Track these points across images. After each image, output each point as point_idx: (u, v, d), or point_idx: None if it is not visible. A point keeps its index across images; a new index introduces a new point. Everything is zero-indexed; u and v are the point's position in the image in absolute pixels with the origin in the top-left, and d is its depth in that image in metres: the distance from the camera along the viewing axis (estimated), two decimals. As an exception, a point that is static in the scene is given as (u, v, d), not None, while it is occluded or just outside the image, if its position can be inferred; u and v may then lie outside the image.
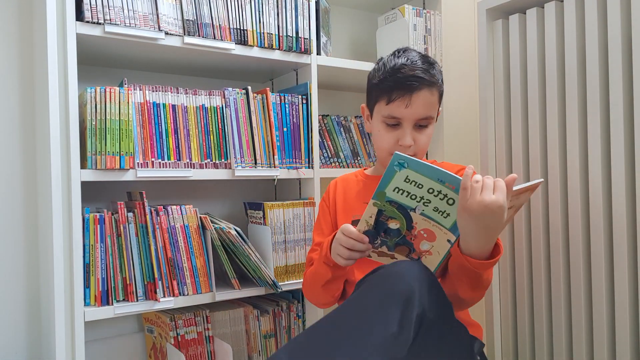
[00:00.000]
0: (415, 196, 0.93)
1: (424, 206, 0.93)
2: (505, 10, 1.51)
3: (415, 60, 1.16)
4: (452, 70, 1.92)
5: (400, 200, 0.94)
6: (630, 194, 1.22)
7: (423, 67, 1.15)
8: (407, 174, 0.91)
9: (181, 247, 1.39)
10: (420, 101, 1.14)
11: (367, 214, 0.98)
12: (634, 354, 1.22)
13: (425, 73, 1.15)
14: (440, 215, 0.94)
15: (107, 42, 1.33)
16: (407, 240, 0.99)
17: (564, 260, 1.35)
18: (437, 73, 1.18)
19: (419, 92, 1.14)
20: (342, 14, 2.02)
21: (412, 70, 1.14)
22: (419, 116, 1.15)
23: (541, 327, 1.41)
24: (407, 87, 1.14)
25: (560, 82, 1.35)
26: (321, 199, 1.36)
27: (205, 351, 1.47)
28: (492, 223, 0.88)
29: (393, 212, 0.96)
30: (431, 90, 1.16)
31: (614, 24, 1.23)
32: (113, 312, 1.30)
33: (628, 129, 1.22)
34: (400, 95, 1.14)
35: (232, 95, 1.48)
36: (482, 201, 0.86)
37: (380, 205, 0.96)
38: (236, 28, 1.47)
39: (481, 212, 0.86)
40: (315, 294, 1.23)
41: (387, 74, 1.16)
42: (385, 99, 1.16)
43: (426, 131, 1.19)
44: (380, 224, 0.98)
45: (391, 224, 0.98)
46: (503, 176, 1.49)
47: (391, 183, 0.92)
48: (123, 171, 1.31)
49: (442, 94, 1.22)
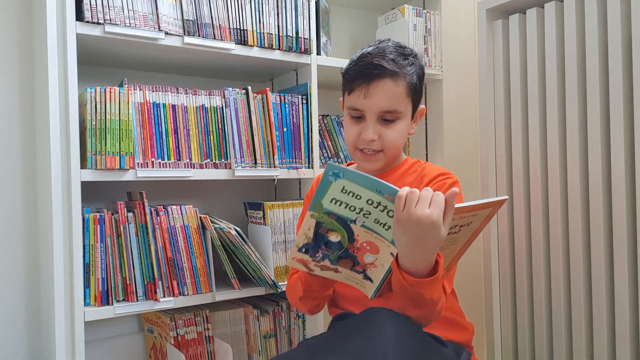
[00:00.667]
0: (354, 207, 0.88)
1: (364, 218, 0.89)
2: (505, 10, 1.51)
3: (384, 49, 1.08)
4: (452, 70, 1.92)
5: (339, 211, 0.89)
6: (630, 194, 1.22)
7: (389, 57, 1.06)
8: (344, 185, 0.86)
9: (181, 247, 1.39)
10: (381, 92, 1.05)
11: (305, 227, 0.92)
12: (634, 354, 1.22)
13: (389, 62, 1.05)
14: (381, 228, 0.89)
15: (107, 42, 1.33)
16: (349, 253, 0.94)
17: (564, 260, 1.35)
18: (408, 65, 1.08)
19: (378, 81, 1.05)
20: (342, 14, 2.02)
21: (374, 57, 1.06)
22: (380, 108, 1.07)
23: (541, 327, 1.41)
24: (366, 75, 1.06)
25: (560, 82, 1.35)
26: (305, 196, 1.32)
27: (205, 351, 1.47)
28: (425, 238, 0.83)
29: (332, 224, 0.91)
30: (395, 81, 1.06)
31: (614, 24, 1.23)
32: (113, 312, 1.30)
33: (628, 128, 1.22)
34: (359, 85, 1.06)
35: (232, 95, 1.48)
36: (414, 214, 0.81)
37: (318, 217, 0.90)
38: (236, 28, 1.47)
39: (413, 226, 0.82)
40: (294, 304, 1.19)
41: (352, 63, 1.10)
42: (348, 89, 1.10)
43: (395, 127, 1.09)
44: (320, 236, 0.93)
45: (332, 237, 0.93)
46: (503, 177, 1.49)
47: (327, 194, 0.87)
48: (123, 171, 1.31)
49: (416, 88, 1.10)
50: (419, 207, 0.82)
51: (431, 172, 1.13)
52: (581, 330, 1.31)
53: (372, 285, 0.98)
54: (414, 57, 1.11)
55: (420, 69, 1.12)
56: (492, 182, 1.54)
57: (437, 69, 1.87)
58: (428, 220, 0.81)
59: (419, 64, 1.12)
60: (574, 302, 1.33)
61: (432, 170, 1.14)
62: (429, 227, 0.81)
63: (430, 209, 0.82)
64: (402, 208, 0.83)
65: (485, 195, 1.55)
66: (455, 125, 1.93)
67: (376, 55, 1.06)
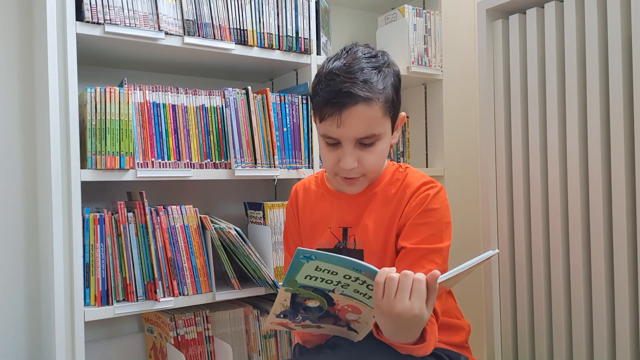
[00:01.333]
0: (330, 281, 0.84)
1: (342, 288, 0.85)
2: (505, 10, 1.51)
3: (353, 67, 0.97)
4: (452, 70, 1.92)
5: (315, 284, 0.85)
6: (630, 194, 1.22)
7: (360, 79, 0.95)
8: (317, 265, 0.81)
9: (181, 247, 1.39)
10: (354, 120, 0.96)
11: (281, 298, 0.89)
12: (634, 354, 1.22)
13: (360, 87, 0.95)
14: (362, 296, 0.86)
15: (107, 42, 1.33)
16: (331, 313, 0.91)
17: (564, 260, 1.35)
18: (382, 79, 0.98)
19: (350, 109, 0.95)
20: (342, 14, 2.02)
21: (342, 83, 0.95)
22: (356, 135, 0.98)
23: (541, 327, 1.41)
24: (335, 104, 0.96)
25: (560, 82, 1.35)
26: (287, 205, 1.24)
27: (205, 351, 1.47)
28: (407, 328, 0.81)
29: (309, 294, 0.87)
30: (369, 105, 0.96)
31: (614, 24, 1.23)
32: (113, 312, 1.30)
33: (628, 128, 1.22)
34: (330, 114, 0.97)
35: (232, 95, 1.48)
36: (394, 307, 0.79)
37: (293, 291, 0.87)
38: (236, 28, 1.47)
39: (394, 317, 0.80)
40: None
41: (320, 84, 0.99)
42: (318, 116, 1.00)
43: (374, 149, 1.01)
44: (298, 304, 0.90)
45: (310, 303, 0.89)
46: (503, 177, 1.49)
47: (300, 272, 0.83)
48: (123, 171, 1.31)
49: (394, 101, 1.01)
50: (398, 300, 0.79)
51: (413, 181, 1.07)
52: (581, 330, 1.31)
53: (357, 336, 0.97)
54: (387, 67, 1.01)
55: (396, 76, 1.03)
56: (492, 182, 1.54)
57: (437, 69, 1.87)
58: (409, 314, 0.79)
59: (393, 70, 1.03)
60: (574, 302, 1.33)
61: (414, 180, 1.08)
62: (411, 319, 0.80)
63: (411, 301, 0.79)
64: (381, 296, 0.80)
65: (485, 197, 1.55)
66: (455, 125, 1.93)
67: (345, 78, 0.95)
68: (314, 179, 1.21)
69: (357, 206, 1.10)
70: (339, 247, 1.10)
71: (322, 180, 1.17)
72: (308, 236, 1.17)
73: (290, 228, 1.22)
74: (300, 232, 1.19)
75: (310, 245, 1.15)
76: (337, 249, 1.10)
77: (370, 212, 1.09)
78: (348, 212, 1.11)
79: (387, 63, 1.02)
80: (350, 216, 1.11)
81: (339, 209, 1.12)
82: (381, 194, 1.09)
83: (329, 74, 0.98)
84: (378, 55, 1.02)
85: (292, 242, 1.21)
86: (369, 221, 1.08)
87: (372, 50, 1.03)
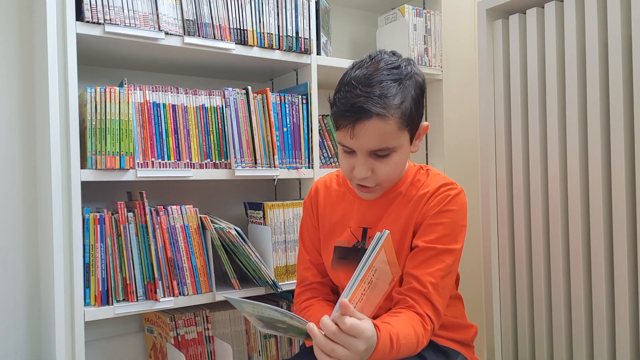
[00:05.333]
0: (275, 313, 0.89)
1: (287, 318, 0.88)
2: (505, 10, 1.51)
3: (372, 78, 0.96)
4: (452, 70, 1.92)
5: (265, 316, 0.90)
6: (630, 194, 1.22)
7: (376, 94, 0.94)
8: (251, 306, 0.88)
9: (181, 247, 1.39)
10: (367, 133, 0.96)
11: (252, 320, 0.95)
12: (634, 354, 1.22)
13: (375, 103, 0.94)
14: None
15: (107, 42, 1.33)
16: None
17: (564, 260, 1.35)
18: (401, 93, 0.96)
19: (364, 123, 0.95)
20: (342, 14, 2.02)
21: (357, 97, 0.95)
22: (369, 148, 0.98)
23: (541, 327, 1.41)
24: (349, 117, 0.96)
25: (560, 82, 1.35)
26: (305, 200, 1.25)
27: (205, 351, 1.47)
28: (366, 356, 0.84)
29: (270, 319, 0.92)
30: (384, 120, 0.95)
31: (614, 24, 1.23)
32: (113, 312, 1.30)
33: (628, 128, 1.22)
34: (344, 125, 0.98)
35: (232, 95, 1.48)
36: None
37: (256, 316, 0.93)
38: (236, 28, 1.47)
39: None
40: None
41: (339, 92, 0.99)
42: (335, 124, 1.01)
43: (389, 161, 1.01)
44: (270, 324, 0.94)
45: (279, 324, 0.92)
46: (503, 177, 1.49)
47: (244, 310, 0.90)
48: (123, 171, 1.31)
49: (412, 114, 0.99)
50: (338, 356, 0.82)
51: (433, 183, 1.08)
52: (581, 330, 1.31)
53: None
54: (409, 79, 0.99)
55: (418, 88, 1.01)
56: (492, 182, 1.54)
57: (437, 69, 1.87)
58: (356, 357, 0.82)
59: (416, 81, 1.01)
60: (574, 302, 1.33)
61: (434, 181, 1.08)
62: (362, 354, 0.83)
63: (346, 351, 0.82)
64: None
65: (485, 197, 1.55)
66: (455, 125, 1.93)
67: (362, 91, 0.95)
68: (335, 177, 1.22)
69: (378, 207, 1.11)
70: (357, 246, 1.11)
71: (344, 180, 1.19)
72: (327, 234, 1.18)
73: (307, 224, 1.23)
74: (318, 229, 1.20)
75: (328, 243, 1.16)
76: (355, 248, 1.11)
77: (390, 214, 1.09)
78: (369, 212, 1.12)
79: (410, 74, 0.99)
80: (370, 217, 1.11)
81: (359, 208, 1.13)
82: (402, 196, 1.10)
83: (348, 84, 0.98)
84: (401, 66, 0.99)
85: (308, 237, 1.23)
86: (388, 222, 1.09)
87: (397, 59, 1.01)
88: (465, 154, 1.95)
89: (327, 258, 1.16)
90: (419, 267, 1.02)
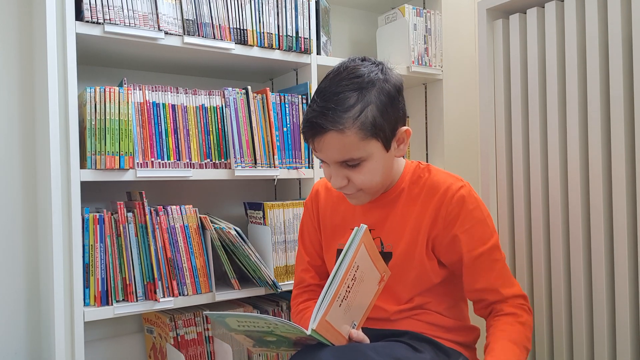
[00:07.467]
0: (261, 326, 0.89)
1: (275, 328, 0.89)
2: (505, 10, 1.51)
3: (329, 90, 0.95)
4: (452, 70, 1.92)
5: (251, 330, 0.91)
6: (631, 194, 1.22)
7: (330, 107, 0.93)
8: (236, 319, 0.89)
9: (181, 247, 1.39)
10: (328, 147, 0.96)
11: (240, 339, 0.97)
12: (634, 354, 1.22)
13: (328, 117, 0.92)
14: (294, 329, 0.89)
15: (106, 42, 1.33)
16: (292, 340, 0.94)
17: (564, 260, 1.35)
18: (357, 106, 0.93)
19: (321, 137, 0.95)
20: (342, 13, 2.02)
21: (313, 112, 0.95)
22: (334, 160, 0.98)
23: (541, 327, 1.41)
24: (306, 132, 0.97)
25: (561, 82, 1.35)
26: (306, 201, 1.25)
27: (205, 351, 1.47)
28: None
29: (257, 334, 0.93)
30: (341, 133, 0.93)
31: (614, 24, 1.23)
32: (113, 313, 1.29)
33: (628, 128, 1.22)
34: (306, 139, 0.99)
35: (232, 95, 1.48)
36: None
37: (242, 333, 0.94)
38: (236, 28, 1.47)
39: None
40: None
41: (310, 102, 1.00)
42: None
43: (362, 169, 0.98)
44: (258, 339, 0.95)
45: (268, 338, 0.93)
46: (503, 177, 1.49)
47: (228, 325, 0.91)
48: (123, 171, 1.31)
49: (376, 124, 0.94)
50: None
51: (440, 182, 1.06)
52: (581, 330, 1.31)
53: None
54: (371, 86, 0.95)
55: (385, 95, 0.96)
56: (492, 182, 1.54)
57: (437, 69, 1.87)
58: None
59: (381, 88, 0.96)
60: (574, 301, 1.33)
61: (439, 180, 1.06)
62: None
63: None
64: None
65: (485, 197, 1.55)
66: (455, 125, 1.93)
67: (318, 106, 0.94)
68: None
69: (381, 208, 1.10)
70: None
71: None
72: (329, 237, 1.17)
73: (307, 225, 1.23)
74: (319, 231, 1.20)
75: (331, 245, 1.15)
76: None
77: (396, 214, 1.08)
78: (371, 213, 1.10)
79: (373, 81, 0.95)
80: (374, 218, 1.10)
81: (362, 210, 1.12)
82: (405, 195, 1.08)
83: (312, 98, 0.98)
84: (364, 75, 0.96)
85: (308, 239, 1.23)
86: (395, 223, 1.07)
87: (362, 66, 0.98)
88: (465, 154, 1.95)
89: (330, 260, 1.16)
90: (481, 275, 1.05)
